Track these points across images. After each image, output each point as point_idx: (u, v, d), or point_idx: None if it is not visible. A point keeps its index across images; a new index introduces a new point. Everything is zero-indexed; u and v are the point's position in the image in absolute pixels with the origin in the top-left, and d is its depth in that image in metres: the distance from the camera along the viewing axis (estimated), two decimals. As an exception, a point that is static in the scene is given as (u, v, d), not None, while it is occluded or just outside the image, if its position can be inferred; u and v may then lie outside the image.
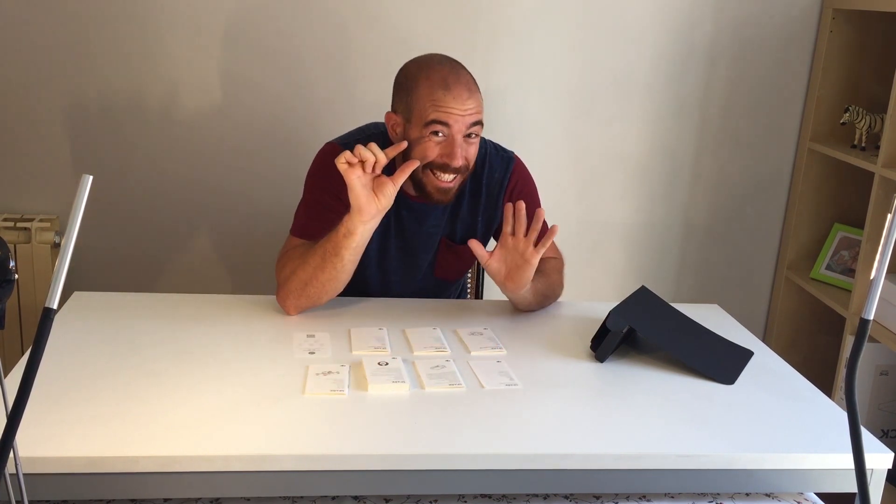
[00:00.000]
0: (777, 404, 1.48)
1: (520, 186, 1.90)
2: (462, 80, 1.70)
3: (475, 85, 1.73)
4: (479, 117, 1.71)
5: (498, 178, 1.88)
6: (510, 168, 1.89)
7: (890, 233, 0.81)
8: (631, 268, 2.82)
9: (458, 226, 1.89)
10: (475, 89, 1.72)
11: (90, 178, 0.79)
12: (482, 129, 1.74)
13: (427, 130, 1.68)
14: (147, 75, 2.49)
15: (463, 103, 1.68)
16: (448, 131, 1.68)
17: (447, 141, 1.69)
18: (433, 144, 1.70)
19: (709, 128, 2.72)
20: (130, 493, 1.24)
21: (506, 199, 1.87)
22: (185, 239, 2.65)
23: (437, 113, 1.67)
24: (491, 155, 1.89)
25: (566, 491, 1.35)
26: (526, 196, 1.85)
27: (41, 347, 0.77)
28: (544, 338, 1.72)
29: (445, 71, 1.71)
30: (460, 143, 1.69)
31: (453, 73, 1.71)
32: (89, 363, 1.49)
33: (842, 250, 2.72)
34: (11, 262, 0.87)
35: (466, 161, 1.73)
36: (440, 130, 1.68)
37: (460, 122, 1.68)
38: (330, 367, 1.50)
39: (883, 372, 2.52)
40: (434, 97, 1.68)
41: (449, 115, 1.67)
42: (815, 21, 2.65)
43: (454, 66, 1.73)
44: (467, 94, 1.69)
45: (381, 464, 1.26)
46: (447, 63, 1.74)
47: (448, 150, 1.69)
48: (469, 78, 1.73)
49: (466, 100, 1.68)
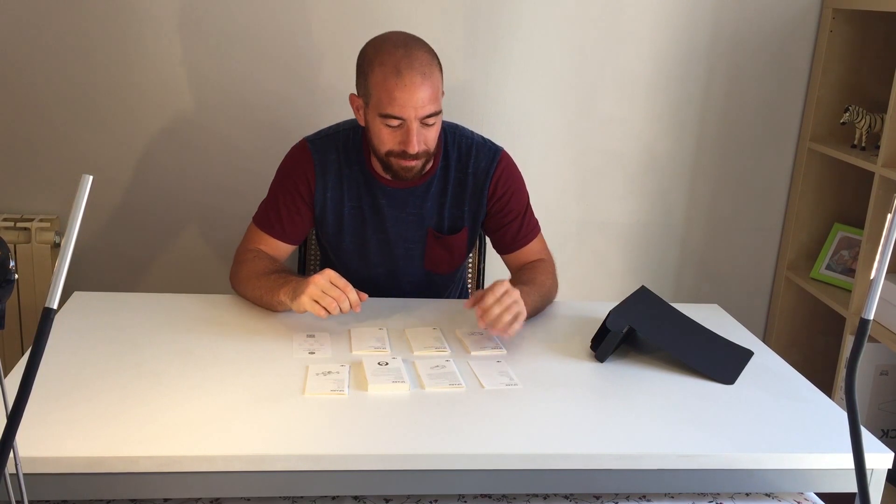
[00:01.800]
0: (777, 404, 1.48)
1: (505, 176, 1.89)
2: (415, 65, 1.67)
3: (431, 66, 1.69)
4: (433, 108, 1.69)
5: (483, 168, 1.88)
6: (496, 159, 1.89)
7: (890, 233, 0.81)
8: (631, 268, 2.82)
9: (446, 216, 1.90)
10: (429, 72, 1.68)
11: (90, 178, 0.79)
12: (441, 115, 1.73)
13: (382, 120, 1.70)
14: (148, 75, 2.49)
15: (415, 93, 1.65)
16: (402, 122, 1.69)
17: (403, 129, 1.70)
18: (389, 132, 1.71)
19: (709, 128, 2.72)
20: (130, 493, 1.24)
21: (490, 188, 1.88)
22: (185, 239, 2.65)
23: (391, 106, 1.67)
24: (478, 146, 1.89)
25: (566, 491, 1.35)
26: (510, 187, 1.89)
27: (41, 347, 0.77)
28: (544, 338, 1.72)
29: (398, 55, 1.67)
30: (416, 131, 1.69)
31: (406, 57, 1.67)
32: (89, 363, 1.49)
33: (842, 250, 2.72)
34: (11, 262, 0.87)
35: (425, 146, 1.73)
36: (392, 122, 1.69)
37: (412, 112, 1.67)
38: (330, 367, 1.50)
39: (883, 372, 2.52)
40: (387, 86, 1.67)
41: (402, 109, 1.67)
42: (815, 21, 2.65)
43: (409, 49, 1.69)
44: (420, 80, 1.66)
45: (381, 464, 1.26)
46: (401, 46, 1.69)
47: (404, 139, 1.70)
48: (424, 59, 1.69)
49: (418, 88, 1.65)
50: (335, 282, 1.60)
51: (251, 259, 1.81)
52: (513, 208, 1.90)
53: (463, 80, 2.59)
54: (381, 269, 1.94)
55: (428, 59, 1.69)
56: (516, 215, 1.90)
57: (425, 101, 1.67)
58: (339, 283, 1.60)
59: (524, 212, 1.92)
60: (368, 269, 1.93)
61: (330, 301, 1.58)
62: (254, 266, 1.79)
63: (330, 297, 1.58)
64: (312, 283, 1.59)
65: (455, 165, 1.87)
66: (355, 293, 1.61)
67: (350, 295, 1.60)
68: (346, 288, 1.60)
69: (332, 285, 1.59)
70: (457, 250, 1.93)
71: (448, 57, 2.57)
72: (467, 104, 2.60)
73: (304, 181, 1.84)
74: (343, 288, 1.60)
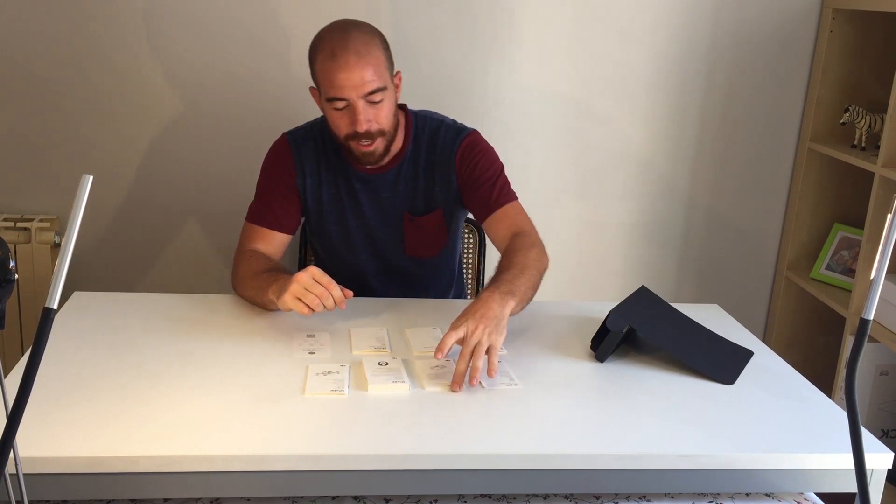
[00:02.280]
0: (777, 404, 1.48)
1: (469, 147, 1.89)
2: (350, 48, 1.69)
3: (367, 45, 1.71)
4: (375, 85, 1.71)
5: (449, 145, 1.90)
6: (461, 136, 1.90)
7: (890, 233, 0.81)
8: (631, 268, 2.82)
9: (419, 198, 1.91)
10: (365, 50, 1.70)
11: (90, 178, 0.79)
12: (387, 90, 1.74)
13: (330, 105, 1.74)
14: (148, 75, 2.49)
15: (350, 73, 1.68)
16: (347, 102, 1.72)
17: (350, 110, 1.73)
18: (339, 115, 1.75)
19: (709, 128, 2.72)
20: (130, 493, 1.24)
21: (457, 161, 1.89)
22: (186, 239, 2.65)
23: (332, 89, 1.71)
24: (446, 127, 1.92)
25: (566, 491, 1.35)
26: (476, 156, 1.89)
27: (41, 347, 0.77)
28: (544, 338, 1.72)
29: (335, 40, 1.71)
30: (362, 110, 1.72)
31: (341, 41, 1.70)
32: (89, 363, 1.49)
33: (842, 250, 2.72)
34: (11, 262, 0.87)
35: (376, 124, 1.75)
36: (338, 104, 1.73)
37: (353, 92, 1.70)
38: (330, 367, 1.50)
39: (883, 372, 2.52)
40: (325, 70, 1.72)
41: (343, 90, 1.70)
42: (815, 21, 2.65)
43: (345, 32, 1.72)
44: (355, 59, 1.68)
45: (381, 464, 1.26)
46: (338, 31, 1.73)
47: (353, 119, 1.73)
48: (360, 38, 1.71)
49: (354, 67, 1.68)
50: (318, 279, 1.59)
51: (247, 260, 1.83)
52: (482, 174, 1.89)
53: (463, 80, 2.59)
54: (364, 256, 1.96)
55: (364, 38, 1.72)
56: (486, 180, 1.89)
57: (365, 79, 1.69)
58: (323, 280, 1.59)
59: (496, 178, 1.90)
60: (354, 255, 1.96)
61: (313, 298, 1.58)
62: (249, 266, 1.80)
63: (313, 294, 1.58)
64: (295, 280, 1.59)
65: (425, 147, 1.90)
66: (339, 290, 1.60)
67: (334, 292, 1.59)
68: (329, 285, 1.59)
69: (315, 282, 1.59)
70: (433, 231, 1.95)
71: (448, 57, 2.57)
72: (467, 104, 2.60)
73: (286, 171, 1.89)
74: (326, 285, 1.59)
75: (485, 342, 1.47)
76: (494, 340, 1.48)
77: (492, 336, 1.48)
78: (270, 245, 1.88)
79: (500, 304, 1.54)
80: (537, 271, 1.72)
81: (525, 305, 1.67)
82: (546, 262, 1.78)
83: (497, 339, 1.49)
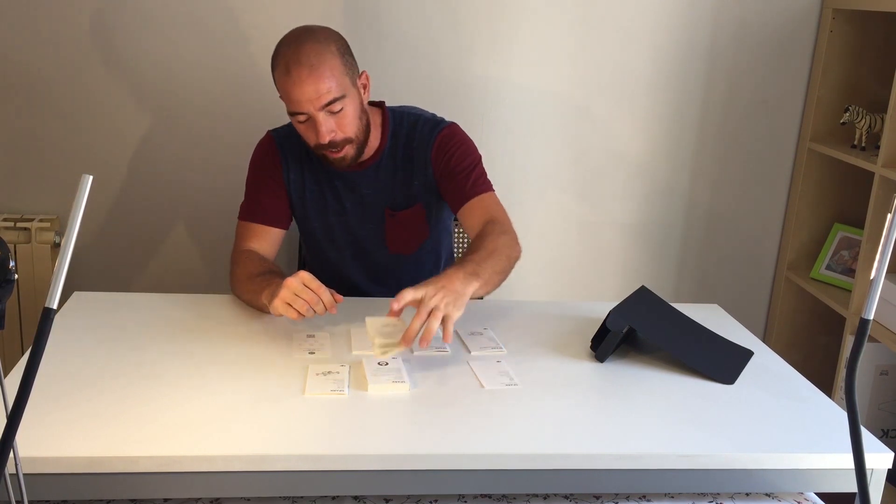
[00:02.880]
0: (777, 404, 1.48)
1: (446, 139, 1.89)
2: (302, 59, 1.68)
3: (320, 56, 1.69)
4: (332, 95, 1.70)
5: (425, 139, 1.89)
6: (437, 129, 1.90)
7: (890, 233, 0.81)
8: (631, 268, 2.82)
9: (398, 194, 1.92)
10: (318, 62, 1.68)
11: (90, 178, 0.79)
12: (345, 98, 1.73)
13: (294, 118, 1.75)
14: (148, 75, 2.49)
15: (303, 87, 1.68)
16: (306, 116, 1.72)
17: (311, 122, 1.73)
18: (304, 128, 1.76)
19: (709, 128, 2.72)
20: (130, 493, 1.24)
21: (433, 153, 1.89)
22: (186, 239, 2.65)
23: (291, 104, 1.72)
24: (424, 121, 1.92)
25: (566, 491, 1.35)
26: (452, 147, 1.88)
27: (41, 347, 0.77)
28: (544, 338, 1.72)
29: (288, 54, 1.70)
30: (323, 121, 1.72)
31: (294, 55, 1.69)
32: (89, 363, 1.49)
33: (842, 250, 2.72)
34: (11, 262, 0.87)
35: (340, 133, 1.75)
36: (300, 118, 1.74)
37: (310, 106, 1.70)
38: (330, 367, 1.50)
39: (883, 372, 2.52)
40: (282, 85, 1.72)
41: (300, 104, 1.71)
42: (815, 21, 2.65)
43: (298, 44, 1.70)
44: (307, 73, 1.67)
45: (381, 464, 1.26)
46: (292, 43, 1.72)
47: (315, 130, 1.74)
48: (312, 50, 1.69)
49: (307, 80, 1.67)
50: (308, 284, 1.59)
51: (242, 261, 1.83)
52: (457, 164, 1.88)
53: (463, 81, 2.59)
54: (348, 253, 1.98)
55: (317, 48, 1.70)
56: (462, 171, 1.88)
57: (320, 91, 1.69)
58: (312, 285, 1.59)
59: (471, 168, 1.89)
60: (338, 252, 1.97)
61: (302, 304, 1.57)
62: (244, 269, 1.80)
63: (302, 299, 1.57)
64: (285, 286, 1.58)
65: (402, 143, 1.90)
66: (329, 295, 1.60)
67: (324, 297, 1.59)
68: (319, 290, 1.59)
69: (306, 287, 1.58)
70: (414, 226, 1.95)
71: (448, 57, 2.57)
72: (467, 104, 2.60)
73: (273, 166, 1.91)
74: (316, 290, 1.59)
75: (442, 309, 1.47)
76: (451, 312, 1.48)
77: (449, 306, 1.48)
78: (265, 241, 1.88)
79: (463, 282, 1.54)
80: (506, 258, 1.70)
81: (491, 290, 1.66)
82: (518, 251, 1.76)
83: (454, 312, 1.49)
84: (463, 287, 1.53)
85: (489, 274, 1.61)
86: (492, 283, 1.65)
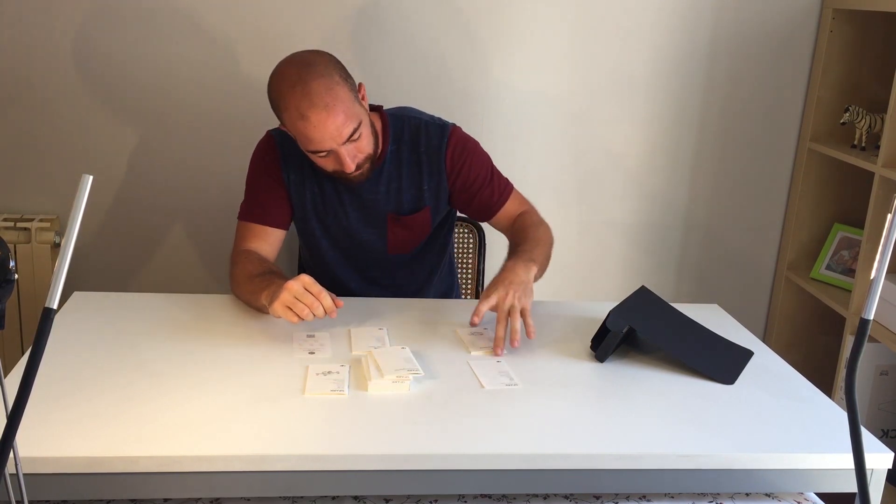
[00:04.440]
0: (777, 404, 1.48)
1: (458, 148, 1.89)
2: (316, 101, 1.64)
3: (330, 92, 1.66)
4: (350, 128, 1.68)
5: (435, 146, 1.88)
6: (446, 134, 1.89)
7: (890, 233, 0.81)
8: (631, 268, 2.82)
9: (404, 198, 1.91)
10: (331, 99, 1.65)
11: (90, 178, 0.79)
12: (362, 125, 1.72)
13: (312, 155, 1.74)
14: (148, 75, 2.49)
15: (325, 129, 1.66)
16: (328, 151, 1.71)
17: (333, 155, 1.72)
18: (324, 160, 1.75)
19: (709, 128, 2.72)
20: (130, 493, 1.24)
21: (447, 165, 1.88)
22: (187, 239, 2.65)
23: (311, 144, 1.70)
24: (426, 124, 1.91)
25: (566, 491, 1.35)
26: (467, 157, 1.89)
27: (41, 347, 0.77)
28: (544, 338, 1.72)
29: (297, 97, 1.65)
30: (346, 154, 1.71)
31: (306, 98, 1.64)
32: (89, 363, 1.49)
33: (842, 250, 2.72)
34: (11, 262, 0.87)
35: (360, 155, 1.75)
36: (320, 154, 1.72)
37: (332, 143, 1.69)
38: (330, 367, 1.50)
39: (883, 372, 2.52)
40: (298, 130, 1.69)
41: (322, 143, 1.69)
42: (815, 21, 2.65)
43: (305, 85, 1.65)
44: (325, 115, 1.65)
45: (381, 464, 1.26)
46: (298, 84, 1.66)
47: (338, 162, 1.73)
48: (321, 87, 1.65)
49: (327, 122, 1.65)
50: (309, 288, 1.58)
51: (241, 261, 1.83)
52: (477, 176, 1.91)
53: (463, 81, 2.59)
54: (344, 253, 1.97)
55: (326, 84, 1.66)
56: (483, 182, 1.91)
57: (340, 128, 1.67)
58: (313, 289, 1.59)
59: (490, 176, 1.92)
60: (335, 252, 1.97)
61: (302, 307, 1.57)
62: (244, 269, 1.80)
63: (302, 303, 1.57)
64: (286, 289, 1.58)
65: (407, 147, 1.89)
66: (330, 299, 1.59)
67: (324, 301, 1.58)
68: (319, 294, 1.58)
69: (306, 291, 1.58)
70: (418, 229, 1.95)
71: (448, 57, 2.57)
72: (467, 105, 2.60)
73: (273, 166, 1.90)
74: (317, 294, 1.58)
75: (517, 305, 1.61)
76: (525, 303, 1.62)
77: (522, 300, 1.62)
78: (265, 242, 1.88)
79: (525, 269, 1.69)
80: (548, 244, 1.87)
81: (542, 274, 1.79)
82: (552, 236, 1.91)
83: (527, 302, 1.63)
84: (526, 274, 1.68)
85: (542, 259, 1.77)
86: (543, 268, 1.80)
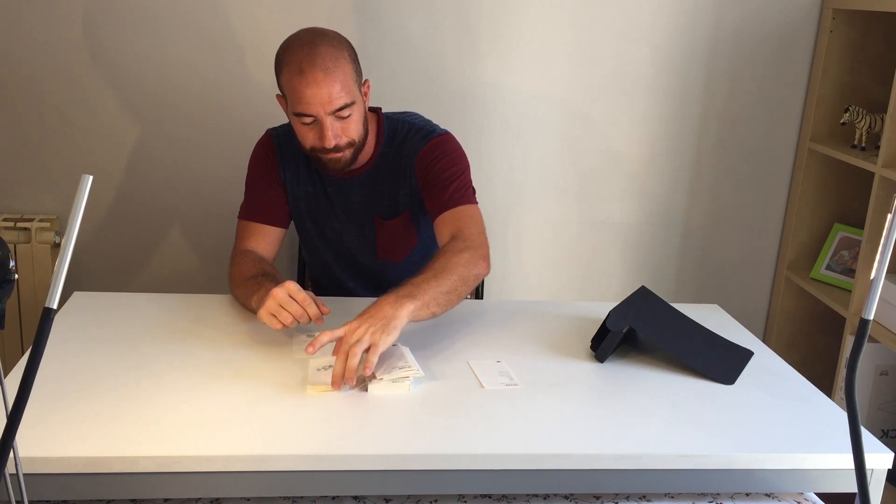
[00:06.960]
0: (777, 404, 1.48)
1: (432, 149, 1.86)
2: (318, 62, 1.67)
3: (335, 60, 1.68)
4: (343, 101, 1.69)
5: (413, 149, 1.88)
6: (427, 139, 1.88)
7: (890, 233, 0.81)
8: (631, 268, 2.82)
9: (385, 203, 1.91)
10: (333, 66, 1.68)
11: (90, 178, 0.79)
12: (355, 105, 1.72)
13: (298, 119, 1.73)
14: (148, 75, 2.49)
15: (318, 89, 1.66)
16: (313, 118, 1.71)
17: (317, 125, 1.72)
18: (306, 129, 1.74)
19: (709, 128, 2.72)
20: (130, 493, 1.24)
21: (417, 161, 1.87)
22: (186, 239, 2.65)
23: (300, 105, 1.70)
24: (416, 129, 1.90)
25: (566, 491, 1.35)
26: (437, 157, 1.85)
27: (41, 347, 0.77)
28: (544, 338, 1.72)
29: (302, 54, 1.68)
30: (329, 126, 1.71)
31: (309, 56, 1.67)
32: (89, 363, 1.49)
33: (842, 250, 2.72)
34: (11, 262, 0.87)
35: (345, 137, 1.74)
36: (305, 119, 1.72)
37: (320, 109, 1.69)
38: (330, 362, 1.49)
39: (883, 372, 2.52)
40: (293, 85, 1.69)
41: (310, 106, 1.69)
42: (815, 21, 2.65)
43: (312, 46, 1.69)
44: (322, 76, 1.66)
45: (381, 464, 1.26)
46: (306, 44, 1.70)
47: (320, 134, 1.72)
48: (328, 53, 1.68)
49: (322, 83, 1.66)
50: (294, 295, 1.57)
51: (238, 262, 1.83)
52: (439, 174, 1.84)
53: (464, 83, 2.59)
54: (340, 257, 1.98)
55: (332, 53, 1.69)
56: (443, 181, 1.84)
57: (332, 95, 1.68)
58: (299, 296, 1.57)
59: (453, 179, 1.84)
60: (332, 254, 1.98)
61: (286, 315, 1.56)
62: (240, 270, 1.80)
63: (287, 311, 1.56)
64: (271, 296, 1.56)
65: (394, 151, 1.89)
66: (315, 307, 1.58)
67: (309, 309, 1.57)
68: (304, 302, 1.57)
69: (291, 299, 1.57)
70: (401, 235, 1.95)
71: (448, 58, 2.57)
72: (467, 105, 2.60)
73: (271, 164, 1.91)
74: (301, 302, 1.57)
75: (365, 340, 1.43)
76: (377, 339, 1.44)
77: (375, 335, 1.44)
78: (264, 241, 1.88)
79: (394, 306, 1.50)
80: (459, 277, 1.64)
81: (440, 310, 1.60)
82: (480, 268, 1.70)
83: (381, 338, 1.44)
84: (393, 311, 1.49)
85: (433, 294, 1.57)
86: (440, 304, 1.59)
